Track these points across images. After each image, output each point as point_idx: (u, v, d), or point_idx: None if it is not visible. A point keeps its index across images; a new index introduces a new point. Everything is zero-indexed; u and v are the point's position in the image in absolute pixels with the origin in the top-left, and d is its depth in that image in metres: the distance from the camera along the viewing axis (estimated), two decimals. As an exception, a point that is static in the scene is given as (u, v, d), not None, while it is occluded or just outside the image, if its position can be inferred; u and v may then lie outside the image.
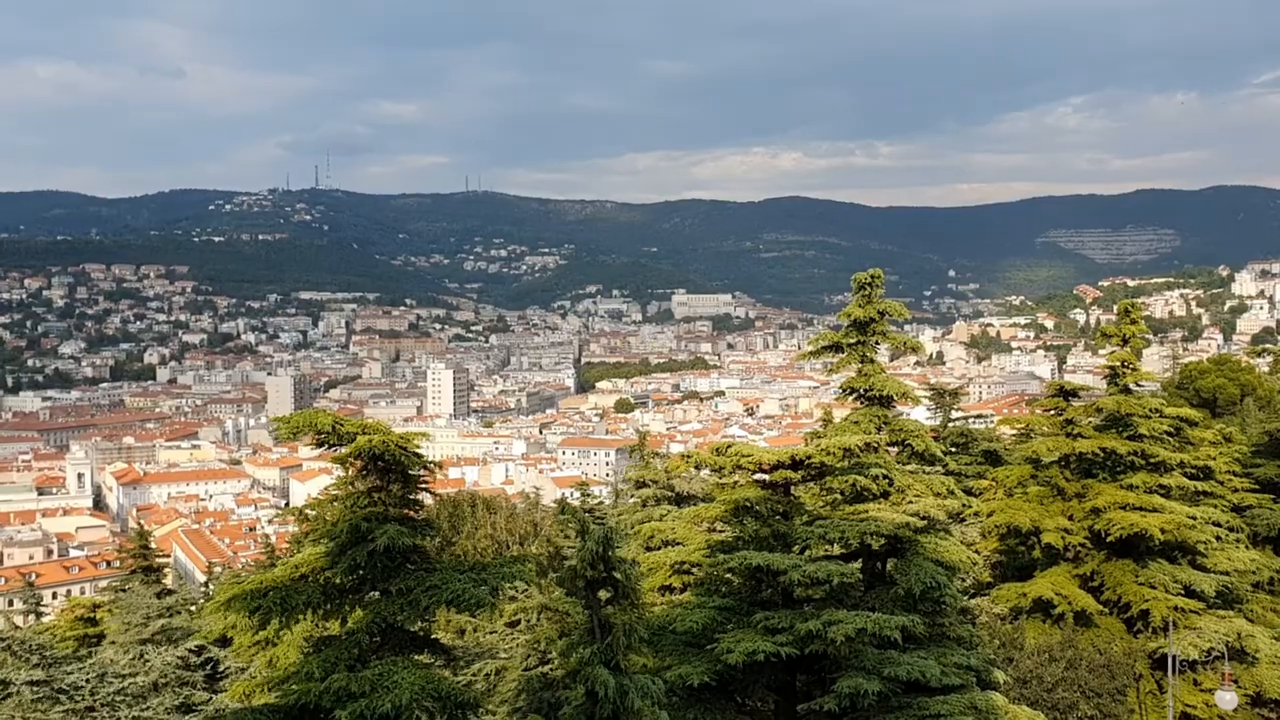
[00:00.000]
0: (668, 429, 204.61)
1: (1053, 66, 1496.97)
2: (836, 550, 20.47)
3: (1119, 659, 26.97)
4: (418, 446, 15.14)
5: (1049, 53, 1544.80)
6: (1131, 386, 31.99)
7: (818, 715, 17.52)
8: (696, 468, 30.04)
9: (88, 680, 26.88)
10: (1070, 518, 30.39)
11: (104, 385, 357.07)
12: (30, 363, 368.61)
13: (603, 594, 13.18)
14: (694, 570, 22.09)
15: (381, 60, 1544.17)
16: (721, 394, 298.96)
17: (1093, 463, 31.35)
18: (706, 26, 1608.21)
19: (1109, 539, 28.95)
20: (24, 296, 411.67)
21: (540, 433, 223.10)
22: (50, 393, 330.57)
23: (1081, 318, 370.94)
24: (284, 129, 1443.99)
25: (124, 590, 37.99)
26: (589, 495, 50.39)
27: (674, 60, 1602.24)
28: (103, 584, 75.49)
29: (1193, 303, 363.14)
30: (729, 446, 20.89)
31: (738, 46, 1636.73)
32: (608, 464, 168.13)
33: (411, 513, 15.11)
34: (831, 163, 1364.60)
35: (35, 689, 25.70)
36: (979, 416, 58.14)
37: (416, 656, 14.70)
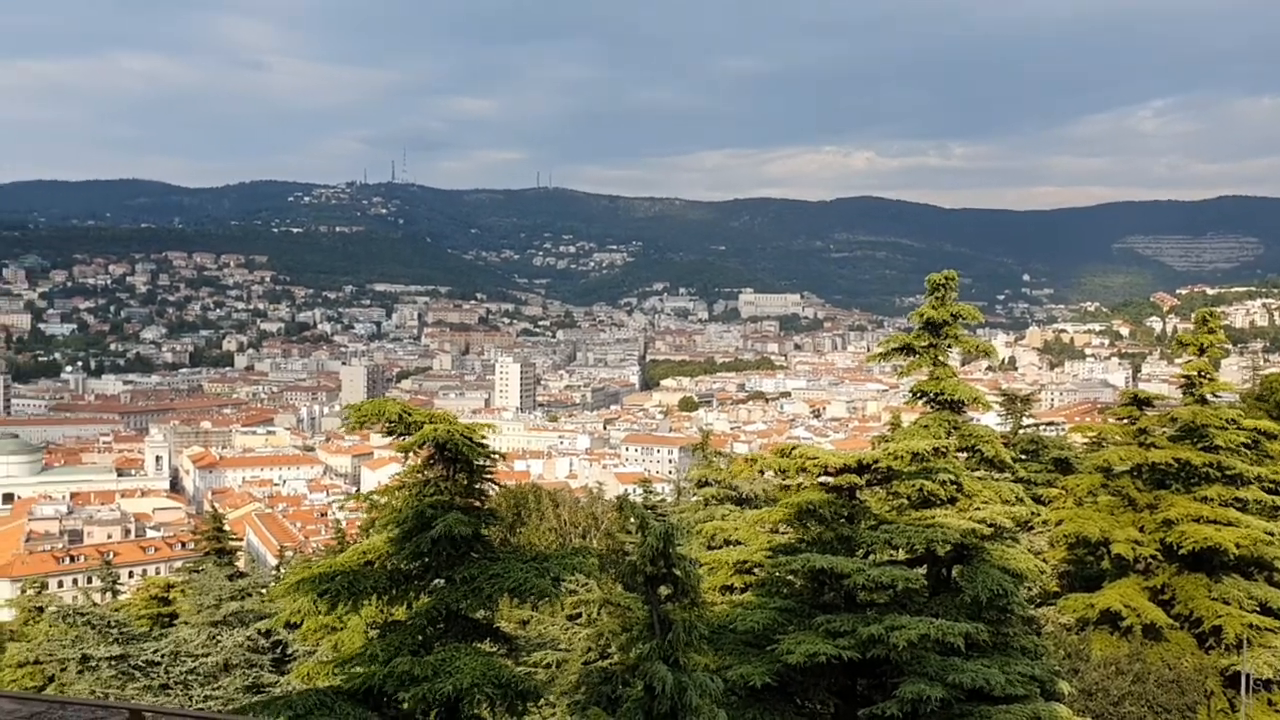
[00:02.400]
0: (731, 429, 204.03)
1: (1134, 68, 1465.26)
2: (901, 555, 20.30)
3: (1189, 675, 26.39)
4: (483, 437, 15.34)
5: (1130, 54, 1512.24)
6: (1208, 397, 31.27)
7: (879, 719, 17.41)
8: (761, 471, 29.94)
9: (163, 658, 27.66)
10: (1141, 529, 29.80)
11: (183, 370, 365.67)
12: (113, 347, 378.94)
13: (663, 590, 13.23)
14: (755, 571, 22.04)
15: (458, 55, 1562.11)
16: (787, 395, 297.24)
17: (1166, 473, 30.69)
18: (779, 23, 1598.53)
19: (1181, 552, 28.34)
20: (108, 282, 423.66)
21: (604, 428, 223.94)
22: (131, 377, 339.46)
23: (1158, 326, 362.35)
24: (363, 123, 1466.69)
25: (198, 571, 38.92)
26: (651, 492, 50.43)
27: (746, 57, 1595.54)
28: (177, 565, 77.58)
29: (1275, 313, 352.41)
30: (794, 448, 20.81)
31: (810, 43, 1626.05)
32: (670, 462, 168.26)
33: (476, 502, 15.31)
34: (904, 163, 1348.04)
35: (114, 664, 26.52)
36: (1050, 424, 57.32)
37: (479, 644, 14.90)
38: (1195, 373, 31.07)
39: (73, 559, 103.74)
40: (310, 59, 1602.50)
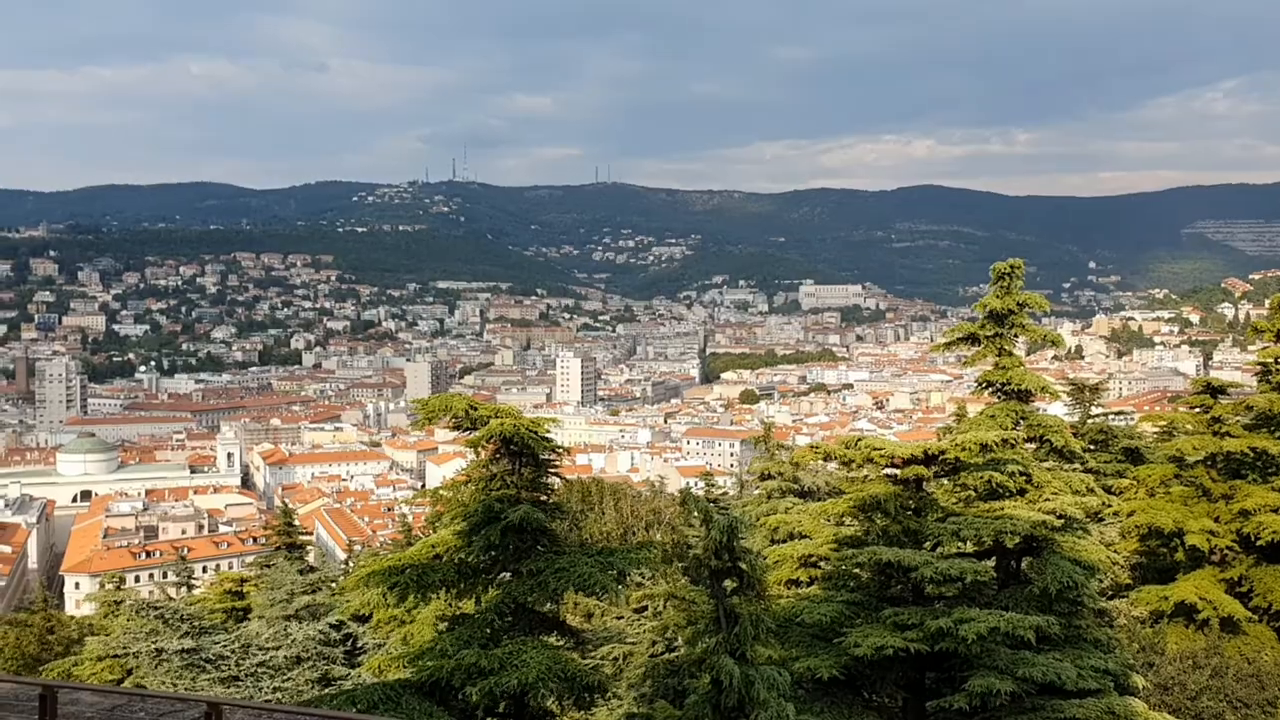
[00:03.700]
0: (793, 421, 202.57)
1: (1202, 49, 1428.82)
2: (969, 547, 20.04)
3: (1270, 669, 25.72)
4: (547, 431, 15.45)
5: (1198, 34, 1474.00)
6: (1286, 384, 30.41)
7: (947, 713, 17.23)
8: (825, 460, 29.78)
9: (233, 651, 28.23)
10: (1216, 519, 29.08)
11: (253, 369, 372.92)
12: (185, 347, 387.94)
13: (728, 584, 13.22)
14: (821, 564, 21.93)
15: (516, 53, 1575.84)
16: (850, 386, 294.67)
17: (1241, 463, 29.89)
18: (835, 11, 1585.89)
19: (1259, 543, 27.62)
20: (179, 283, 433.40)
21: (665, 422, 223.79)
22: (203, 375, 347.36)
23: (1230, 312, 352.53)
24: (423, 122, 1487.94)
25: (269, 566, 39.72)
26: (713, 485, 50.32)
27: (802, 46, 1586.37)
28: (250, 559, 79.01)
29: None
30: (859, 440, 20.64)
31: (867, 31, 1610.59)
32: (732, 455, 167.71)
33: (541, 496, 15.42)
34: (966, 150, 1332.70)
35: (185, 657, 27.12)
36: (1119, 413, 55.94)
37: (546, 637, 15.00)
38: (1272, 359, 30.25)
39: (149, 554, 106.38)
40: (369, 60, 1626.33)
